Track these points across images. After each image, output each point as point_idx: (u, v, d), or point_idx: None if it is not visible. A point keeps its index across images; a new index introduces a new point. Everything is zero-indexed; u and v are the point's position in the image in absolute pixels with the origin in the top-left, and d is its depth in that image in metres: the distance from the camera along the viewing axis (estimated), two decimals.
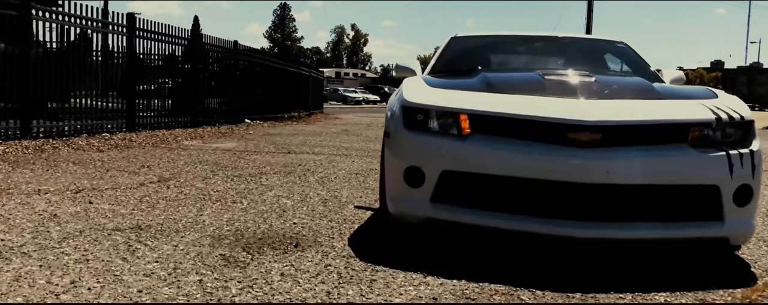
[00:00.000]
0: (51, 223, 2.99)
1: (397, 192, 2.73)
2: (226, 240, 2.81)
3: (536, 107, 2.61)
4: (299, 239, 2.88)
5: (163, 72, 10.48)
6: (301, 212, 3.51)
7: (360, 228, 3.16)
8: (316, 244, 2.79)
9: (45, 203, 3.50)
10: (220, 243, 2.75)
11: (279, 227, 3.12)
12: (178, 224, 3.09)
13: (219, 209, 3.50)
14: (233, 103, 12.25)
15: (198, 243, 2.73)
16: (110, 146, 6.87)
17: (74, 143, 6.79)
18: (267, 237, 2.90)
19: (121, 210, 3.38)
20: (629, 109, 2.64)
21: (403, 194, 2.69)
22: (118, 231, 2.90)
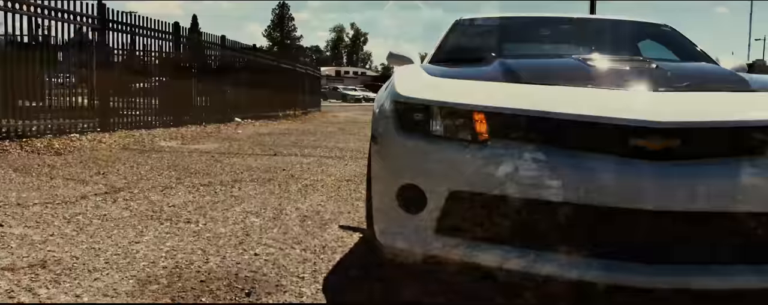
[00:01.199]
0: None
1: (388, 219, 1.96)
2: (154, 284, 2.05)
3: (581, 101, 1.85)
4: (256, 281, 2.11)
5: (144, 67, 9.72)
6: (269, 236, 2.75)
7: (342, 261, 2.40)
8: (277, 290, 2.03)
9: None
10: (143, 290, 1.99)
11: (233, 261, 2.36)
12: (100, 258, 2.33)
13: (164, 233, 2.74)
14: (223, 101, 11.50)
15: (112, 289, 1.97)
16: (73, 148, 6.11)
17: (32, 144, 6.02)
18: (213, 277, 2.14)
19: (34, 237, 2.62)
20: (720, 104, 1.88)
21: (397, 223, 1.92)
22: (9, 270, 2.13)
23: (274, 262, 2.35)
